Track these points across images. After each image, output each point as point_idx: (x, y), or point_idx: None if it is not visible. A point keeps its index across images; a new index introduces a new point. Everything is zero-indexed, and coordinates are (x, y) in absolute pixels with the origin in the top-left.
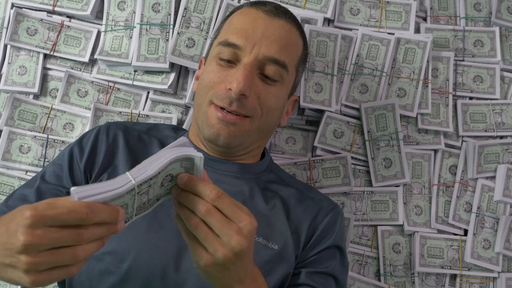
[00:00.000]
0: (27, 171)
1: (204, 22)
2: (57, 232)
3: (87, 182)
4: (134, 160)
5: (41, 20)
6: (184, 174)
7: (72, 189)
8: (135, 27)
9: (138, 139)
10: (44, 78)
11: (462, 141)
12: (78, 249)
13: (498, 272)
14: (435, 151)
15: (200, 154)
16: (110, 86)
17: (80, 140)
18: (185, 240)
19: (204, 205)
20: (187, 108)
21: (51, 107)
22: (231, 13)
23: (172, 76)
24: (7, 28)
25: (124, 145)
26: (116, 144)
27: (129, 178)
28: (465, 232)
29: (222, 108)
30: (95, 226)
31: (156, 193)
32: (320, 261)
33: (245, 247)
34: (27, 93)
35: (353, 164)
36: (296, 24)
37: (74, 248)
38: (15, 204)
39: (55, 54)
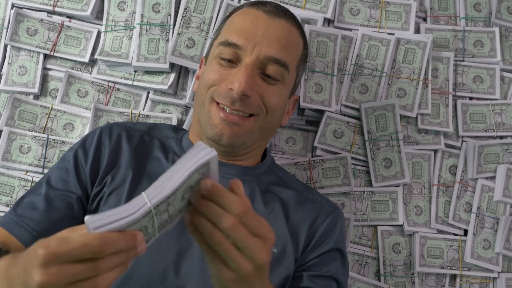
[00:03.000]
0: (27, 171)
1: (204, 23)
2: (72, 268)
3: (92, 185)
4: (137, 161)
5: (41, 20)
6: (208, 180)
7: (86, 218)
8: (135, 27)
9: (139, 140)
10: (44, 78)
11: (462, 141)
12: (98, 279)
13: (498, 272)
14: (435, 151)
15: (214, 153)
16: (110, 86)
17: (83, 143)
18: (202, 252)
19: (229, 219)
20: (187, 108)
21: (51, 107)
22: (231, 13)
23: (172, 76)
24: (7, 28)
25: (127, 147)
26: (119, 146)
27: (145, 201)
28: (465, 232)
29: (224, 108)
30: (113, 255)
31: (178, 207)
32: (321, 264)
33: (267, 261)
34: (27, 93)
35: (353, 164)
36: (297, 24)
37: (94, 279)
38: (25, 212)
39: (55, 54)
